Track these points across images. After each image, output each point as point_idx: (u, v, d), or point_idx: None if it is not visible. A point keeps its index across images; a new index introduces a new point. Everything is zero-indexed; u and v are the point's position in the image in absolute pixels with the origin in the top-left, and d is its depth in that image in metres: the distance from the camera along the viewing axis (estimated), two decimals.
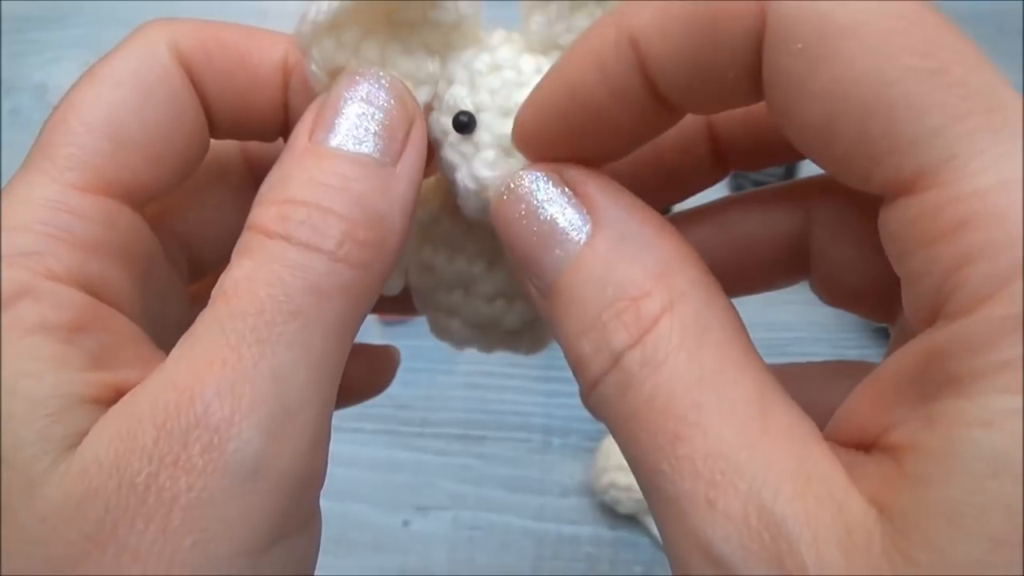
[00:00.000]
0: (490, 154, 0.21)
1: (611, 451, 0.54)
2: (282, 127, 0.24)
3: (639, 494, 0.53)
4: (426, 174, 0.22)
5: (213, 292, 0.19)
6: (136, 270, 0.21)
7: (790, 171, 0.66)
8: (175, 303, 0.24)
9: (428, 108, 0.22)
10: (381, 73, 0.21)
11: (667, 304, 0.18)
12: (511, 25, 0.23)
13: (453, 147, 0.22)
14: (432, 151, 0.22)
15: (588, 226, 0.19)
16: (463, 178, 0.21)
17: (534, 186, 0.20)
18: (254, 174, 0.25)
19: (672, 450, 0.16)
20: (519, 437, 0.59)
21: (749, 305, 0.70)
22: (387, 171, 0.20)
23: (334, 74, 0.21)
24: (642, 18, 0.17)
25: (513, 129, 0.21)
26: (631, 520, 0.55)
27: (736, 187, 0.69)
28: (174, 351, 0.19)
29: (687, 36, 0.17)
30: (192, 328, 0.19)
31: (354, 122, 0.20)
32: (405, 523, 0.55)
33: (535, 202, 0.19)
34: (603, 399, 0.18)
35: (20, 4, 0.86)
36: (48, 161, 0.20)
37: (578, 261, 0.18)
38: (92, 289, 0.19)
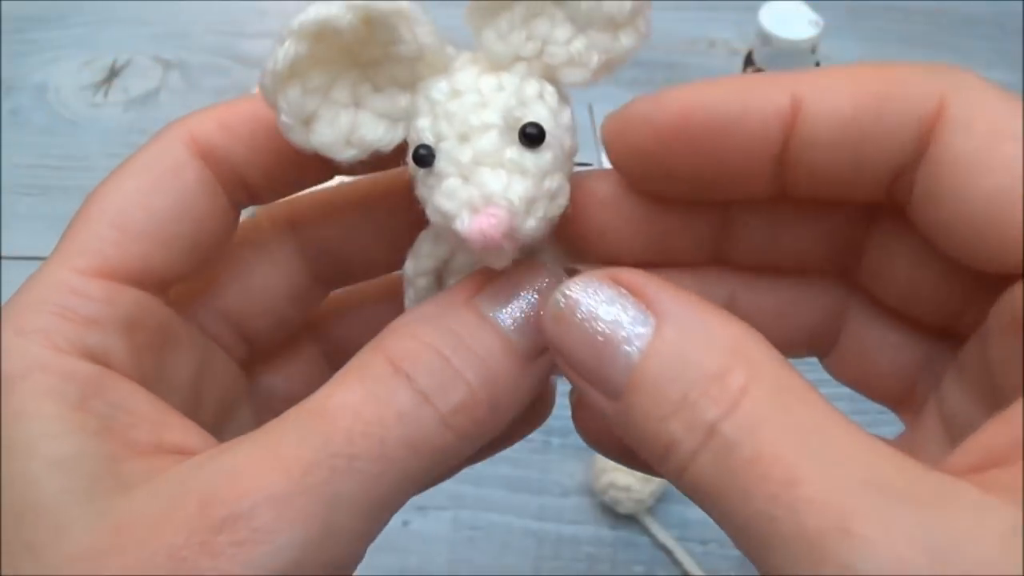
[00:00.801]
0: (450, 183, 0.20)
1: None
2: (318, 166, 0.24)
3: (639, 494, 0.53)
4: None
5: (311, 400, 0.19)
6: (145, 345, 0.21)
7: None
8: (214, 376, 0.24)
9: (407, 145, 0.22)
10: (561, 272, 0.22)
11: (750, 375, 0.18)
12: None
13: (421, 182, 0.21)
14: None
15: (652, 320, 0.19)
16: (431, 213, 0.21)
17: (591, 289, 0.19)
18: (301, 240, 0.26)
19: (789, 494, 0.16)
20: None
21: None
22: (526, 364, 0.21)
23: (308, 122, 0.21)
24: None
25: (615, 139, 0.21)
26: (631, 520, 0.55)
27: None
28: (249, 436, 0.19)
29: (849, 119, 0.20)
30: (275, 422, 0.19)
31: (522, 307, 0.21)
32: (405, 523, 0.55)
33: (594, 305, 0.19)
34: (700, 473, 0.18)
35: (20, 4, 0.86)
36: (62, 250, 0.22)
37: (650, 353, 0.18)
38: (98, 361, 0.20)
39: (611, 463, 0.54)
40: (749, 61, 0.61)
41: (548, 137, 0.20)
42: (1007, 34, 0.80)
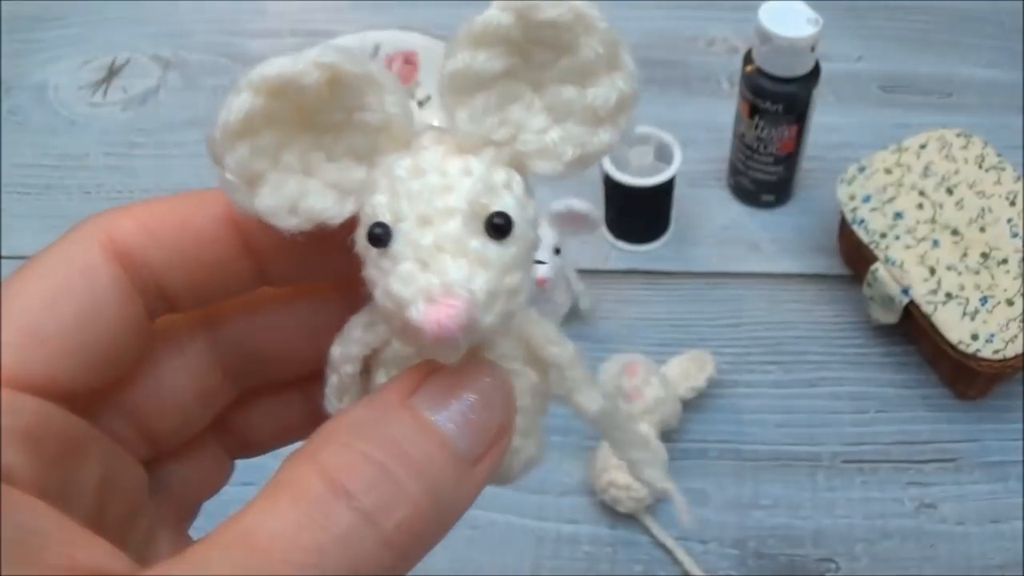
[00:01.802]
0: (405, 268, 0.18)
1: (610, 450, 0.54)
2: (246, 277, 0.23)
3: (638, 493, 0.53)
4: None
5: (240, 523, 0.18)
6: (49, 458, 0.20)
7: (790, 168, 0.66)
8: (119, 481, 0.22)
9: (356, 220, 0.20)
10: (503, 370, 0.20)
11: None
12: None
13: (373, 263, 0.19)
14: None
15: None
16: (380, 297, 0.19)
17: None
18: (216, 336, 0.24)
19: None
20: None
21: (750, 304, 0.70)
22: (467, 471, 0.19)
23: (253, 184, 0.19)
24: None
25: None
26: (630, 519, 0.55)
27: (736, 186, 0.69)
28: (176, 566, 0.17)
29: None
30: (204, 550, 0.17)
31: (463, 410, 0.19)
32: None
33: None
34: None
35: (20, 4, 0.86)
36: None
37: None
38: (2, 476, 0.18)
39: (611, 462, 0.54)
40: (748, 60, 0.61)
41: (514, 229, 0.19)
42: (1007, 32, 0.80)
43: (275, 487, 0.18)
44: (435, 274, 0.18)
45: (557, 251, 0.57)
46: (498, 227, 0.19)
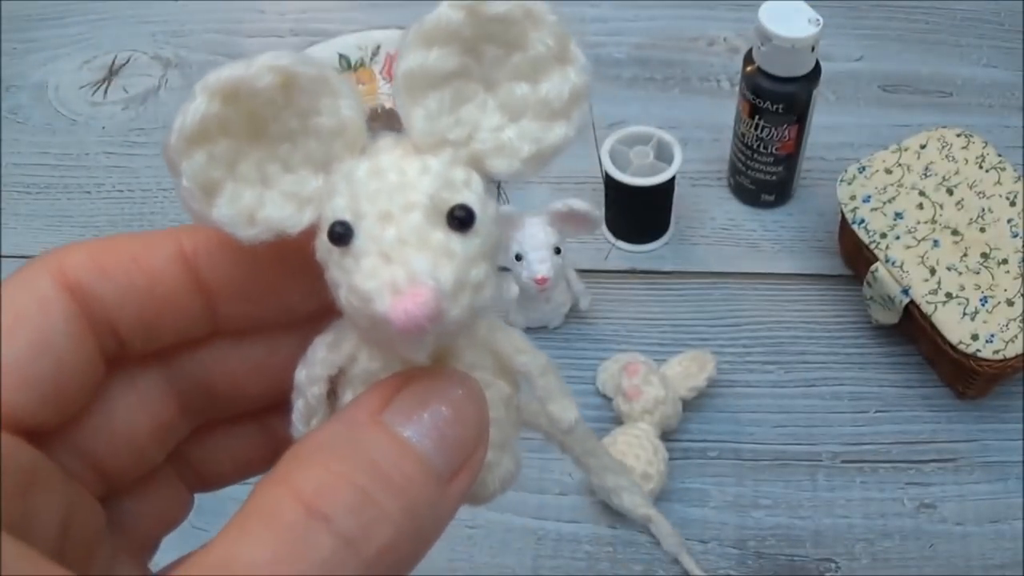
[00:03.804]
0: (368, 262, 0.18)
1: (611, 450, 0.54)
2: (197, 318, 0.22)
3: None
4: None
5: (213, 554, 0.17)
6: (8, 490, 0.19)
7: (790, 168, 0.66)
8: (78, 514, 0.21)
9: (317, 228, 0.20)
10: (475, 381, 0.20)
11: None
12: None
13: (336, 264, 0.19)
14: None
15: None
16: (345, 295, 0.19)
17: None
18: (171, 372, 0.23)
19: None
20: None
21: (750, 304, 0.70)
22: (443, 487, 0.19)
23: (209, 190, 0.19)
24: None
25: None
26: (630, 519, 0.55)
27: (736, 186, 0.69)
28: None
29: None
30: None
31: (436, 423, 0.19)
32: None
33: None
34: None
35: (20, 3, 0.86)
36: None
37: None
38: None
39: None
40: (749, 59, 0.61)
41: (476, 223, 0.19)
42: (1007, 33, 0.80)
43: (248, 514, 0.17)
44: (399, 265, 0.18)
45: (557, 251, 0.57)
46: (460, 219, 0.19)
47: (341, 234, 0.19)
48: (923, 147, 0.62)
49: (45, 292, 0.20)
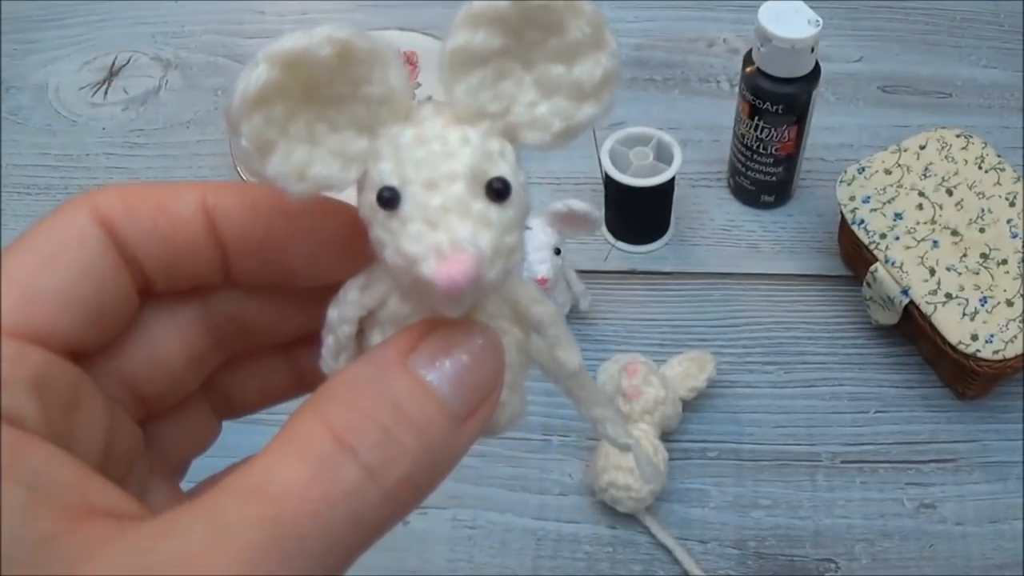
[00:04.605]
0: (415, 227, 0.20)
1: (610, 450, 0.54)
2: (213, 268, 0.24)
3: (638, 493, 0.53)
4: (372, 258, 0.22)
5: (252, 475, 0.19)
6: (56, 405, 0.21)
7: (790, 169, 0.66)
8: (119, 434, 0.23)
9: (360, 187, 0.22)
10: (494, 332, 0.22)
11: None
12: None
13: (381, 225, 0.21)
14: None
15: None
16: (391, 255, 0.20)
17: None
18: (207, 306, 0.25)
19: None
20: (518, 436, 0.59)
21: (750, 305, 0.70)
22: (459, 427, 0.21)
23: (265, 150, 0.21)
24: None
25: None
26: (630, 519, 0.55)
27: (736, 187, 0.69)
28: (192, 512, 0.18)
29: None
30: (218, 498, 0.19)
31: (457, 370, 0.21)
32: (404, 522, 0.55)
33: None
34: None
35: (20, 4, 0.86)
36: None
37: None
38: (12, 423, 0.19)
39: (611, 462, 0.54)
40: (748, 60, 0.61)
41: (512, 193, 0.21)
42: (1007, 33, 0.80)
43: (285, 440, 0.19)
44: (444, 232, 0.20)
45: (557, 251, 0.57)
46: (498, 191, 0.20)
47: (389, 198, 0.20)
48: (923, 148, 0.62)
49: (83, 225, 0.22)
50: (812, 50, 0.59)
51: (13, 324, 0.20)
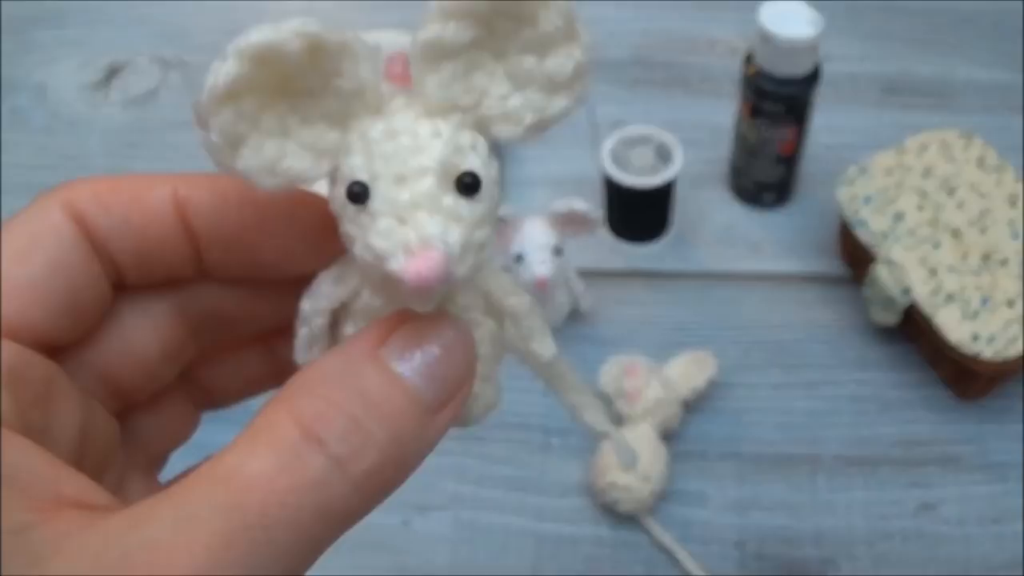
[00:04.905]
0: (384, 223, 0.20)
1: (611, 451, 0.54)
2: (186, 261, 0.24)
3: (639, 494, 0.53)
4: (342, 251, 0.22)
5: (221, 465, 0.19)
6: (29, 399, 0.21)
7: (790, 169, 0.66)
8: (95, 428, 0.23)
9: (331, 180, 0.22)
10: (465, 324, 0.22)
11: None
12: None
13: (351, 220, 0.21)
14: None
15: None
16: (360, 251, 0.20)
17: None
18: (181, 298, 0.25)
19: None
20: (519, 437, 0.59)
21: (750, 305, 0.70)
22: (428, 419, 0.21)
23: (235, 144, 0.21)
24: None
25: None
26: (631, 520, 0.55)
27: (737, 187, 0.69)
28: (161, 503, 0.18)
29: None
30: (186, 489, 0.19)
31: (427, 362, 0.21)
32: (405, 523, 0.55)
33: None
34: None
35: (19, 4, 0.86)
36: None
37: None
38: None
39: (612, 463, 0.54)
40: (749, 60, 0.61)
41: (482, 188, 0.21)
42: (1007, 33, 0.80)
43: (254, 431, 0.19)
44: (413, 228, 0.20)
45: (557, 251, 0.57)
46: (468, 185, 0.20)
47: (358, 193, 0.20)
48: (924, 148, 0.62)
49: (56, 219, 0.22)
50: (813, 50, 0.59)
51: None
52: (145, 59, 0.82)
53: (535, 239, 0.56)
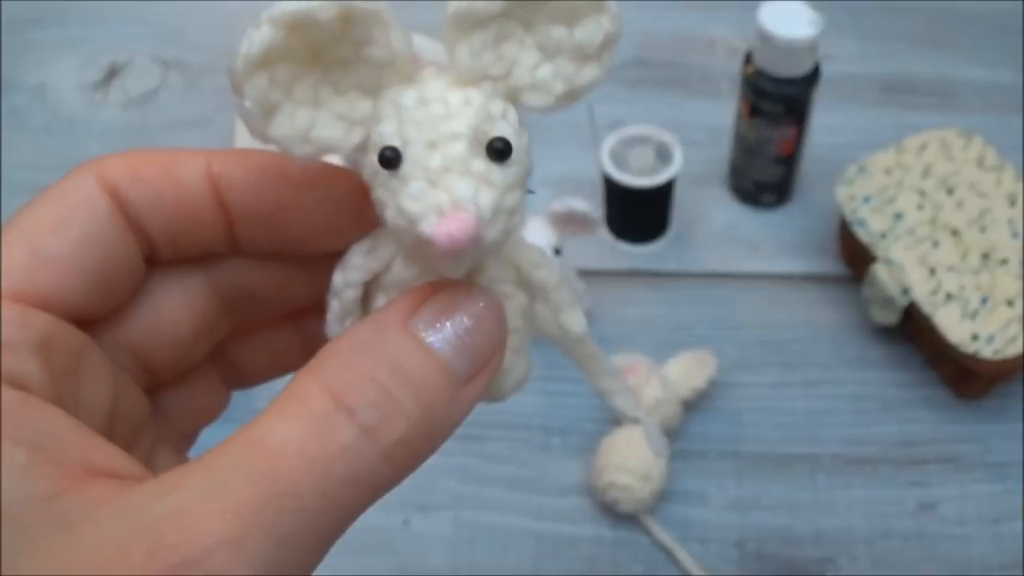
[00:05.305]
0: (415, 186, 0.20)
1: (611, 451, 0.54)
2: (219, 235, 0.24)
3: (639, 494, 0.53)
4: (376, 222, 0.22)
5: (251, 433, 0.19)
6: (61, 369, 0.21)
7: (790, 169, 0.66)
8: (125, 401, 0.23)
9: (362, 149, 0.22)
10: (496, 295, 0.22)
11: None
12: None
13: (382, 185, 0.21)
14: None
15: None
16: (392, 215, 0.20)
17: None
18: (214, 273, 0.25)
19: None
20: (519, 437, 0.59)
21: (750, 305, 0.70)
22: (459, 389, 0.21)
23: (268, 111, 0.21)
24: None
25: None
26: (631, 520, 0.55)
27: (736, 187, 0.69)
28: (190, 471, 0.19)
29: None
30: (217, 457, 0.19)
31: (458, 332, 0.21)
32: (405, 522, 0.55)
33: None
34: None
35: (19, 4, 0.86)
36: None
37: None
38: (15, 385, 0.20)
39: (612, 463, 0.54)
40: (749, 60, 0.61)
41: (513, 154, 0.21)
42: (1008, 32, 0.80)
43: (284, 400, 0.20)
44: (444, 191, 0.20)
45: (557, 251, 0.57)
46: (499, 151, 0.20)
47: (390, 158, 0.20)
48: (923, 148, 0.62)
49: (91, 191, 0.22)
50: (812, 50, 0.59)
51: (20, 288, 0.21)
52: (145, 59, 0.82)
53: (535, 239, 0.56)
